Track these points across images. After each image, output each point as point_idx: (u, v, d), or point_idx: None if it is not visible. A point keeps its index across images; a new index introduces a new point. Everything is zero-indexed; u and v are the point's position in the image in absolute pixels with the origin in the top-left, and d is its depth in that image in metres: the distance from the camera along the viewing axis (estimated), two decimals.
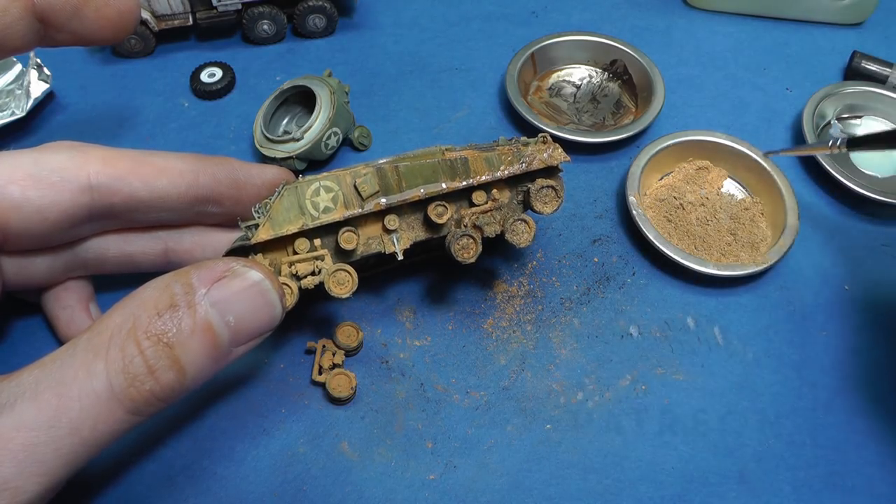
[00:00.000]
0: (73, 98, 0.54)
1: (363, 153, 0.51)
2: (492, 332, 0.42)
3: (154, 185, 0.35)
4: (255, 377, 0.40)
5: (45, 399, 0.26)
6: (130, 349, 0.27)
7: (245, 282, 0.30)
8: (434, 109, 0.54)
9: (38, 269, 0.36)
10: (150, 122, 0.53)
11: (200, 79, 0.54)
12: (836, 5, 0.59)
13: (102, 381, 0.27)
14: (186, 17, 0.55)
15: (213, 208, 0.38)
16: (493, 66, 0.57)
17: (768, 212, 0.47)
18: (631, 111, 0.54)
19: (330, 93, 0.47)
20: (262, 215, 0.34)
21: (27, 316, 0.42)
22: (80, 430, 0.26)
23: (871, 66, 0.55)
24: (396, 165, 0.36)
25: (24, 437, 0.25)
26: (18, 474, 0.25)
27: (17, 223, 0.32)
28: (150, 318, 0.28)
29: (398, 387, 0.40)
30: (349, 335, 0.40)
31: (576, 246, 0.46)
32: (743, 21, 0.61)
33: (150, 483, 0.36)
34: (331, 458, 0.37)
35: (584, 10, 0.62)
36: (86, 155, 0.34)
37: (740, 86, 0.56)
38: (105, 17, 0.34)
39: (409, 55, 0.58)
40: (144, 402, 0.28)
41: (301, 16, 0.57)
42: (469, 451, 0.38)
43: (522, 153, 0.38)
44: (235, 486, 0.36)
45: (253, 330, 0.31)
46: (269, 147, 0.47)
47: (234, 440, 0.38)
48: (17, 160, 0.33)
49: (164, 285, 0.29)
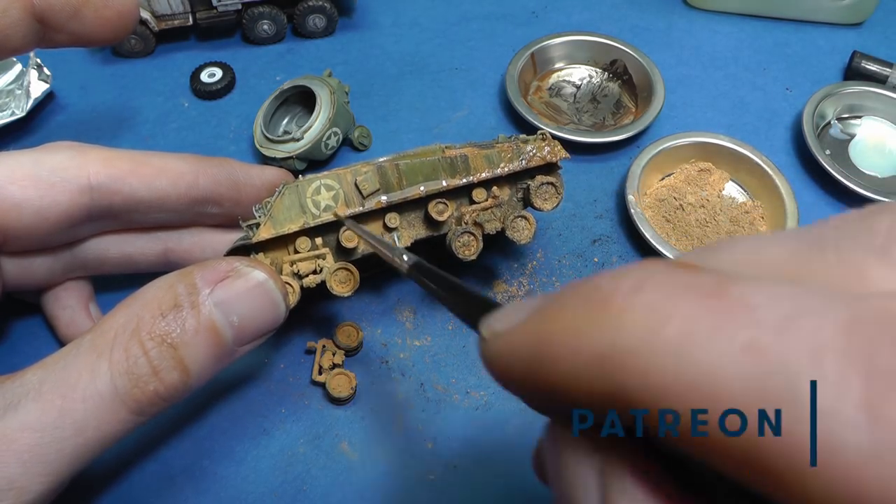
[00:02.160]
0: (73, 98, 0.54)
1: (363, 153, 0.51)
2: None
3: (154, 186, 0.35)
4: (255, 377, 0.40)
5: (50, 400, 0.26)
6: (134, 350, 0.28)
7: (249, 282, 0.31)
8: (434, 109, 0.54)
9: (37, 269, 0.36)
10: (150, 122, 0.53)
11: (200, 79, 0.54)
12: (836, 5, 0.59)
13: (106, 383, 0.27)
14: (186, 17, 0.55)
15: (213, 209, 0.38)
16: (493, 66, 0.57)
17: (769, 216, 0.47)
18: (631, 111, 0.54)
19: (330, 93, 0.47)
20: (264, 214, 0.34)
21: (27, 316, 0.42)
22: (84, 431, 0.27)
23: (871, 66, 0.55)
24: (397, 163, 0.36)
25: (28, 437, 0.26)
26: (23, 474, 0.25)
27: (16, 223, 0.32)
28: (154, 318, 0.28)
29: (398, 387, 0.40)
30: (349, 335, 0.40)
31: (576, 246, 0.46)
32: (743, 21, 0.61)
33: (150, 483, 0.36)
34: (331, 458, 0.37)
35: (584, 10, 0.62)
36: (86, 155, 0.34)
37: (740, 86, 0.56)
38: (104, 18, 0.34)
39: (409, 55, 0.58)
40: (148, 403, 0.28)
41: (301, 16, 0.57)
42: (469, 451, 0.38)
43: (522, 150, 0.38)
44: (235, 486, 0.36)
45: (257, 330, 0.31)
46: (269, 147, 0.47)
47: (234, 440, 0.38)
48: (17, 160, 0.33)
49: (168, 285, 0.29)
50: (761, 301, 0.13)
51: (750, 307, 0.13)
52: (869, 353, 0.11)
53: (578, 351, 0.14)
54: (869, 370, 0.11)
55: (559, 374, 0.15)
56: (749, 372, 0.12)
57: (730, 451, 0.12)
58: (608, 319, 0.14)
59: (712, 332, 0.12)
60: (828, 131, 0.53)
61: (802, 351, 0.12)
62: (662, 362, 0.13)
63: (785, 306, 0.12)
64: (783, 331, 0.12)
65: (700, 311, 0.13)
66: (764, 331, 0.12)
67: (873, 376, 0.11)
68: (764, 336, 0.12)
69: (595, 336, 0.14)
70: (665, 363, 0.13)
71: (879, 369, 0.11)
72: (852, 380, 0.11)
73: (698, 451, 0.13)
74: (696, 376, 0.12)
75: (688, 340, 0.13)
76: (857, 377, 0.11)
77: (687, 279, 0.14)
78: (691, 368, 0.12)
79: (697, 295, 0.13)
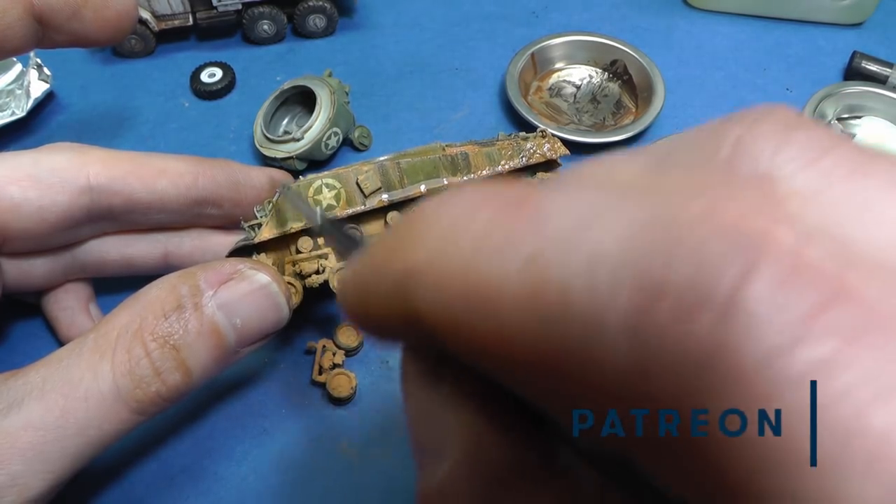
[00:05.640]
0: (73, 98, 0.54)
1: (363, 153, 0.51)
2: None
3: (154, 187, 0.35)
4: (255, 377, 0.40)
5: (52, 399, 0.26)
6: (137, 351, 0.28)
7: (252, 284, 0.31)
8: (434, 109, 0.54)
9: (37, 271, 0.37)
10: (150, 122, 0.53)
11: (200, 79, 0.54)
12: (836, 5, 0.59)
13: (108, 383, 0.27)
14: (186, 17, 0.55)
15: (213, 210, 0.38)
16: (493, 66, 0.57)
17: None
18: (631, 111, 0.54)
19: (330, 93, 0.47)
20: (265, 214, 0.34)
21: (27, 317, 0.42)
22: (86, 430, 0.27)
23: (872, 67, 0.55)
24: (398, 162, 0.36)
25: (31, 436, 0.26)
26: (26, 471, 0.26)
27: (16, 224, 0.32)
28: (157, 319, 0.28)
29: (398, 387, 0.40)
30: (350, 335, 0.40)
31: None
32: (743, 21, 0.61)
33: (150, 483, 0.36)
34: (331, 458, 0.37)
35: (584, 10, 0.61)
36: (85, 156, 0.34)
37: (740, 86, 0.56)
38: (104, 19, 0.34)
39: (409, 55, 0.58)
40: (150, 403, 0.28)
41: (301, 16, 0.57)
42: None
43: (522, 147, 0.38)
44: (235, 486, 0.36)
45: (259, 332, 0.31)
46: (269, 147, 0.47)
47: (234, 440, 0.38)
48: (16, 161, 0.33)
49: (171, 286, 0.29)
50: (556, 206, 0.12)
51: (543, 214, 0.12)
52: (643, 260, 0.10)
53: (383, 278, 0.14)
54: (642, 285, 0.10)
55: (374, 305, 0.15)
56: (527, 286, 0.11)
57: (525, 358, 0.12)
58: (410, 236, 0.14)
59: (502, 243, 0.12)
60: None
61: (579, 263, 0.11)
62: (450, 281, 0.12)
63: (579, 209, 0.11)
64: (564, 242, 0.11)
65: (496, 220, 0.12)
66: (548, 239, 0.11)
67: (644, 290, 0.10)
68: (547, 245, 0.11)
69: (396, 259, 0.14)
70: (452, 283, 0.12)
71: (651, 282, 0.10)
72: (621, 293, 0.10)
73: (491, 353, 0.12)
74: (480, 296, 0.12)
75: (476, 256, 0.12)
76: (627, 290, 0.10)
77: (494, 192, 0.13)
78: (476, 287, 0.12)
79: (499, 205, 0.13)
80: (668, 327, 0.10)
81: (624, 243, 0.10)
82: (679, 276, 0.10)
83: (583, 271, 0.11)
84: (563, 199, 0.12)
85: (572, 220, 0.11)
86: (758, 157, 0.11)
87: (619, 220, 0.11)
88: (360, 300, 0.16)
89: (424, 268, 0.13)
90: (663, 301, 0.10)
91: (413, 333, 0.14)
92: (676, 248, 0.10)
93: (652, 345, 0.10)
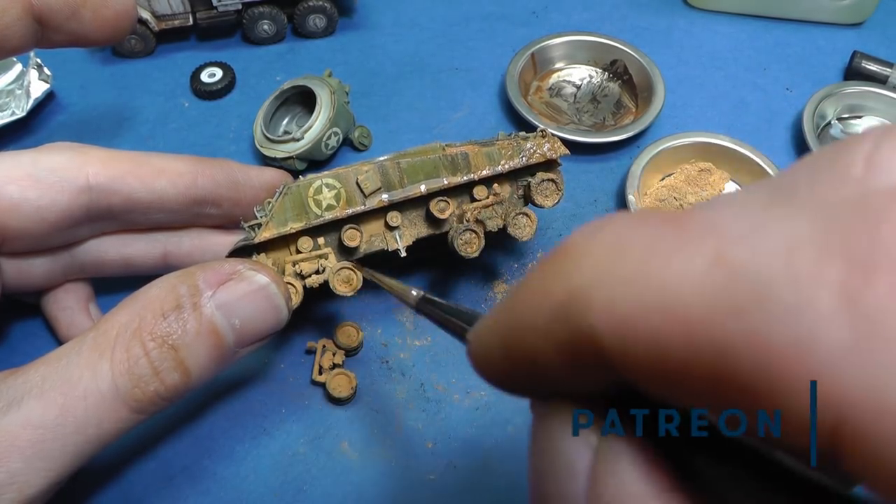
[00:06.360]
0: (73, 98, 0.54)
1: (363, 153, 0.51)
2: None
3: (153, 187, 0.35)
4: (255, 377, 0.40)
5: (52, 398, 0.27)
6: (136, 350, 0.28)
7: (252, 285, 0.31)
8: (434, 109, 0.54)
9: (36, 271, 0.37)
10: (150, 122, 0.53)
11: (200, 79, 0.54)
12: (836, 5, 0.59)
13: (108, 382, 0.27)
14: (186, 17, 0.55)
15: (212, 210, 0.38)
16: (493, 66, 0.57)
17: None
18: (631, 111, 0.54)
19: (330, 93, 0.47)
20: (265, 214, 0.34)
21: (27, 317, 0.42)
22: (85, 429, 0.27)
23: (872, 66, 0.55)
24: (398, 162, 0.36)
25: (31, 434, 0.26)
26: (26, 469, 0.26)
27: (15, 223, 0.32)
28: (156, 318, 0.28)
29: (398, 387, 0.40)
30: (349, 335, 0.40)
31: None
32: (743, 21, 0.61)
33: (149, 482, 0.36)
34: (331, 458, 0.37)
35: (584, 10, 0.61)
36: (85, 156, 0.34)
37: (740, 86, 0.56)
38: (103, 18, 0.34)
39: (409, 55, 0.58)
40: (149, 402, 0.28)
41: (301, 16, 0.57)
42: (469, 451, 0.38)
43: (522, 147, 0.38)
44: (235, 486, 0.36)
45: (258, 333, 0.31)
46: (269, 147, 0.47)
47: (234, 440, 0.38)
48: (16, 160, 0.33)
49: (170, 286, 0.29)
50: (723, 218, 0.12)
51: (712, 225, 0.12)
52: (845, 240, 0.10)
53: (539, 310, 0.14)
54: (846, 257, 0.10)
55: (528, 345, 0.14)
56: (718, 283, 0.11)
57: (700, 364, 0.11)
58: (565, 266, 0.13)
59: (675, 251, 0.12)
60: (828, 131, 0.53)
61: (773, 252, 0.11)
62: (624, 291, 0.12)
63: (749, 218, 0.11)
64: (750, 238, 0.11)
65: (660, 234, 0.12)
66: (730, 242, 0.11)
67: (851, 262, 0.10)
68: (730, 246, 0.11)
69: (554, 288, 0.13)
70: (627, 291, 0.12)
71: (856, 255, 0.10)
72: (828, 270, 0.10)
73: (664, 369, 0.12)
74: (664, 298, 0.11)
75: (650, 264, 0.12)
76: (833, 266, 0.10)
77: (644, 213, 0.13)
78: (657, 291, 0.11)
79: (657, 222, 0.12)
80: (891, 296, 0.10)
81: (819, 224, 0.10)
82: (891, 247, 0.10)
83: (781, 257, 0.10)
84: (728, 210, 0.12)
85: (749, 222, 0.11)
86: (892, 170, 0.12)
87: (795, 215, 0.11)
88: (506, 348, 0.15)
89: (595, 284, 0.12)
90: (879, 271, 0.10)
91: (579, 364, 0.13)
92: (882, 223, 0.10)
93: (874, 315, 0.10)
